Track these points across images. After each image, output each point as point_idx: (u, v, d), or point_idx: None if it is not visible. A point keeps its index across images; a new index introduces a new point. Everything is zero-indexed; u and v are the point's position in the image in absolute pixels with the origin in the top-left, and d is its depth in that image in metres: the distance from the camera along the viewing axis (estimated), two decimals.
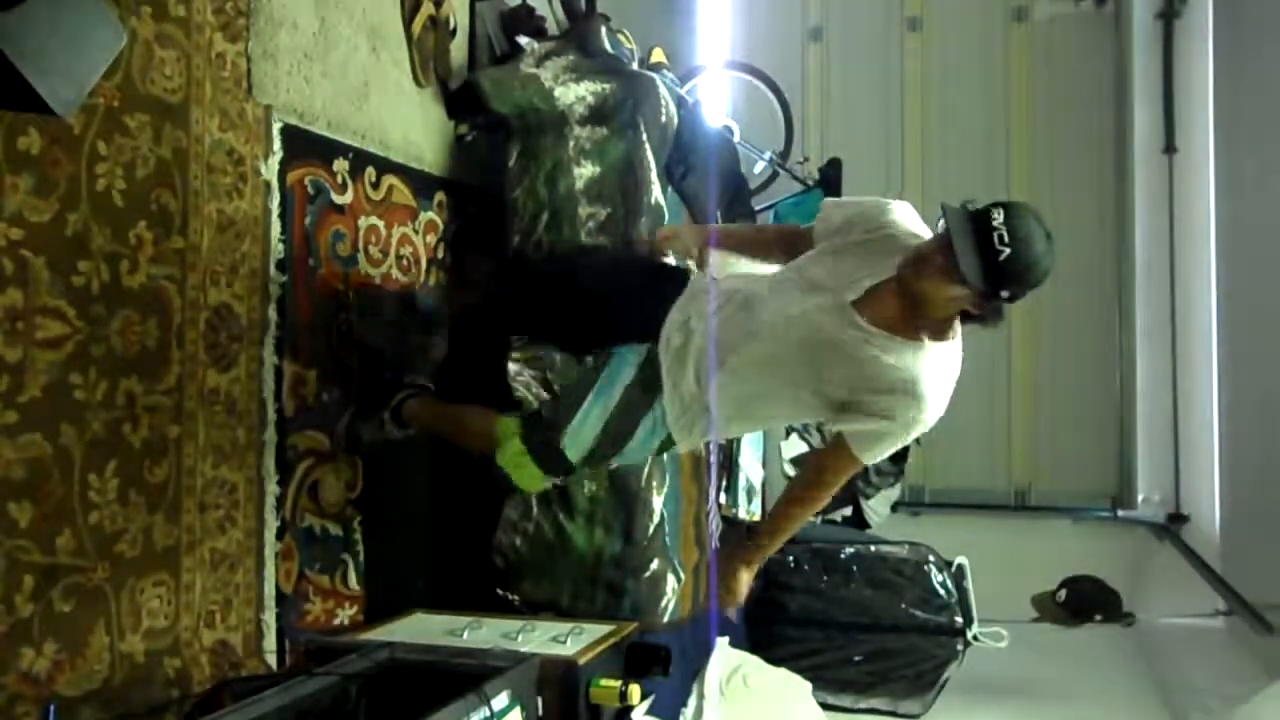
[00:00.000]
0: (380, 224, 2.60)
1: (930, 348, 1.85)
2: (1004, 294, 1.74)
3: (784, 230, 2.27)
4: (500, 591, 2.75)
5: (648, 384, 2.02)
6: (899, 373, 1.84)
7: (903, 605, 3.80)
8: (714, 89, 4.71)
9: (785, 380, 1.97)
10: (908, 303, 1.84)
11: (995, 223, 1.69)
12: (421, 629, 2.30)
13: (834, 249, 1.97)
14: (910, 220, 1.95)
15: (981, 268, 1.69)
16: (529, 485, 2.19)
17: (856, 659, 3.79)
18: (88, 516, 1.78)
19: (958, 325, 1.89)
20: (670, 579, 2.79)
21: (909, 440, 1.96)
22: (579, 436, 2.05)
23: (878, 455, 2.00)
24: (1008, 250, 1.67)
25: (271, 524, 2.19)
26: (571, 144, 2.78)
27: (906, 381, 1.84)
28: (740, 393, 2.00)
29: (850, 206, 2.03)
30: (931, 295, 1.80)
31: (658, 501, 2.73)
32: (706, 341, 1.97)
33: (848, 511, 4.45)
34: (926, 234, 1.90)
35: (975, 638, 3.71)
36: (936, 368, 1.86)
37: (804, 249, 2.04)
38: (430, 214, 2.81)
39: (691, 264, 2.18)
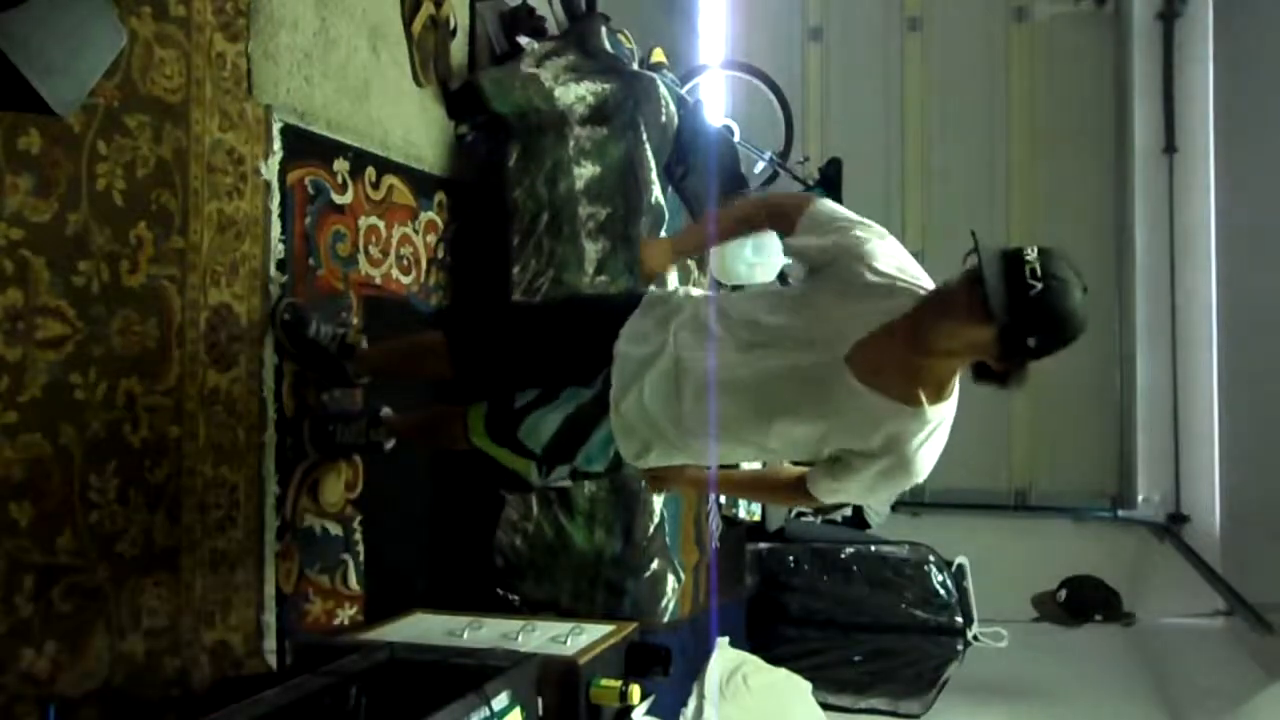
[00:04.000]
0: (380, 224, 2.60)
1: (927, 413, 1.71)
2: (1031, 341, 1.58)
3: (759, 209, 2.00)
4: (500, 591, 2.75)
5: (600, 402, 1.92)
6: (890, 441, 1.72)
7: (903, 605, 3.80)
8: (714, 89, 4.71)
9: (758, 427, 1.82)
10: (906, 359, 1.69)
11: (1029, 258, 1.56)
12: (421, 629, 2.30)
13: (812, 287, 1.82)
14: (897, 260, 1.77)
15: (1010, 303, 1.54)
16: (503, 459, 2.08)
17: (856, 659, 3.79)
18: (88, 516, 1.78)
19: (956, 382, 1.74)
20: (670, 579, 2.79)
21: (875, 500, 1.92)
22: (535, 431, 1.97)
23: (836, 500, 1.93)
24: (1039, 286, 1.54)
25: (271, 524, 2.19)
26: (571, 144, 2.78)
27: (897, 451, 1.73)
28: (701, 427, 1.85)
29: (843, 221, 1.82)
30: (948, 341, 1.65)
31: (658, 501, 2.72)
32: (661, 372, 1.84)
33: (848, 511, 4.45)
34: (917, 276, 1.76)
35: (975, 638, 3.71)
36: (930, 436, 1.74)
37: (775, 222, 1.91)
38: (430, 214, 2.81)
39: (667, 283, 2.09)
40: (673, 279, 2.60)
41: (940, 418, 1.74)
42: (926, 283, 1.75)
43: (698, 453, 1.92)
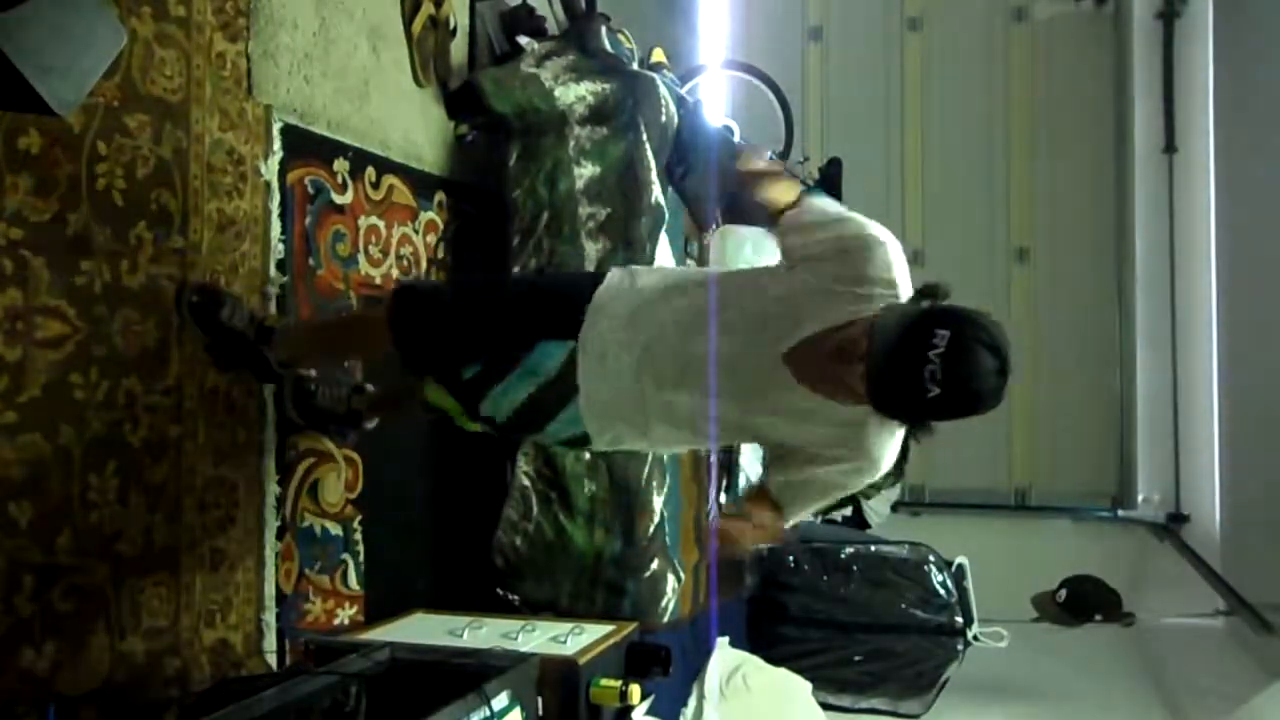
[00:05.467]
0: (380, 224, 2.60)
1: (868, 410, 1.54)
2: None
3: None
4: (500, 591, 2.75)
5: (569, 377, 1.82)
6: (837, 436, 1.62)
7: (903, 605, 3.81)
8: (714, 89, 4.71)
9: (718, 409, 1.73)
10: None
11: (933, 353, 1.35)
12: (421, 629, 2.30)
13: (791, 283, 1.66)
14: (888, 271, 1.59)
15: (899, 403, 1.42)
16: (469, 426, 2.01)
17: (856, 659, 3.79)
18: (88, 516, 1.78)
19: None
20: (670, 579, 2.79)
21: (843, 495, 1.78)
22: (499, 405, 1.88)
23: (803, 512, 1.80)
24: (935, 391, 1.36)
25: (271, 524, 2.19)
26: (571, 144, 2.78)
27: (849, 443, 1.62)
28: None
29: (837, 225, 1.65)
30: (851, 389, 1.50)
31: (658, 501, 2.72)
32: (629, 349, 1.76)
33: (848, 511, 4.45)
34: (902, 285, 1.59)
35: (975, 638, 3.71)
36: (880, 425, 1.60)
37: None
38: (430, 214, 2.81)
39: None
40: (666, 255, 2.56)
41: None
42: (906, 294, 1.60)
43: (659, 438, 1.85)
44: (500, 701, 1.62)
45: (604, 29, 3.08)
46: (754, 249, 3.46)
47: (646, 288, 1.83)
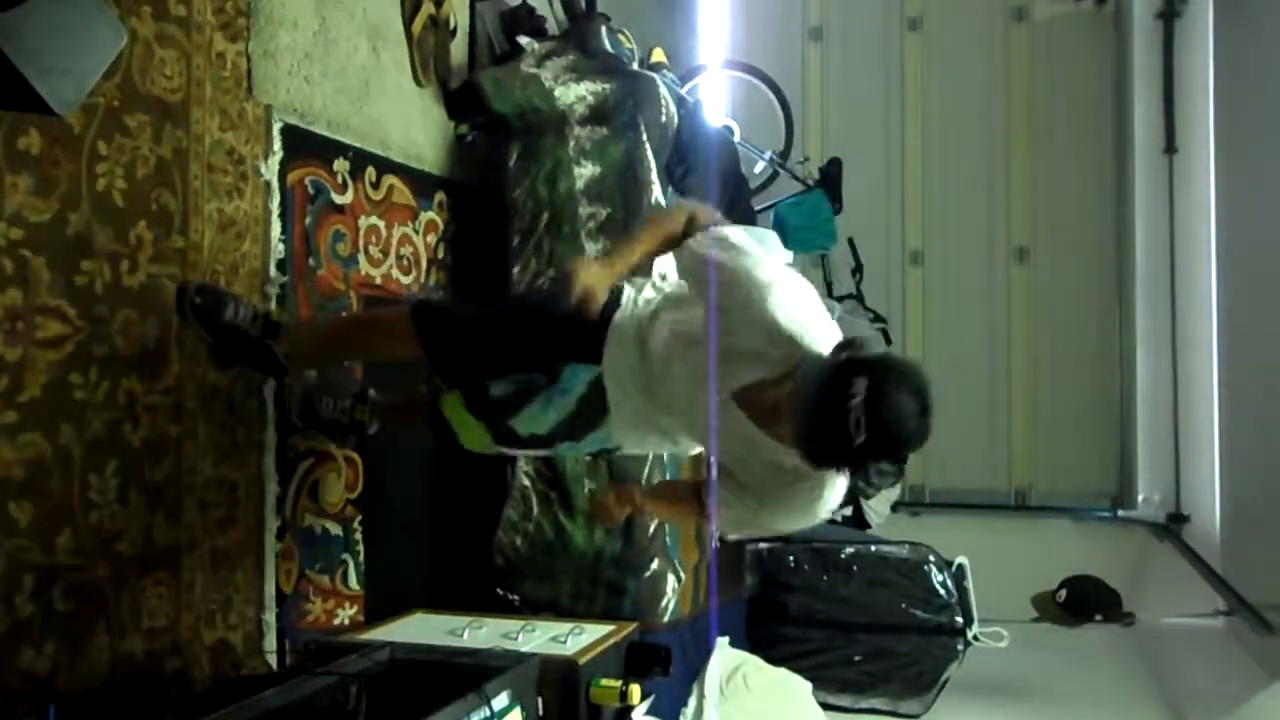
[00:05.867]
0: (380, 224, 2.60)
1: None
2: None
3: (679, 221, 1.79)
4: (500, 591, 2.75)
5: (598, 397, 1.91)
6: (789, 482, 1.70)
7: (903, 605, 3.80)
8: (714, 89, 4.71)
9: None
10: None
11: (853, 401, 1.40)
12: (421, 629, 2.30)
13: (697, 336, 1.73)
14: (798, 311, 1.63)
15: (831, 454, 1.48)
16: (474, 445, 2.09)
17: (856, 659, 3.79)
18: (88, 516, 1.78)
19: None
20: (670, 579, 2.79)
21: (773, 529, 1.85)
22: (531, 424, 1.99)
23: (730, 528, 1.90)
24: (862, 438, 1.40)
25: (271, 524, 2.19)
26: (572, 144, 2.78)
27: (793, 495, 1.71)
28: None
29: (750, 258, 1.68)
30: (789, 442, 1.56)
31: None
32: (644, 369, 1.83)
33: (848, 511, 4.45)
34: (809, 328, 1.62)
35: (975, 638, 3.71)
36: (826, 482, 1.70)
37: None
38: (430, 214, 2.81)
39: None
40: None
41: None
42: (818, 335, 1.63)
43: (685, 446, 2.00)
44: (500, 701, 1.62)
45: (604, 29, 3.08)
46: None
47: (647, 308, 1.89)
